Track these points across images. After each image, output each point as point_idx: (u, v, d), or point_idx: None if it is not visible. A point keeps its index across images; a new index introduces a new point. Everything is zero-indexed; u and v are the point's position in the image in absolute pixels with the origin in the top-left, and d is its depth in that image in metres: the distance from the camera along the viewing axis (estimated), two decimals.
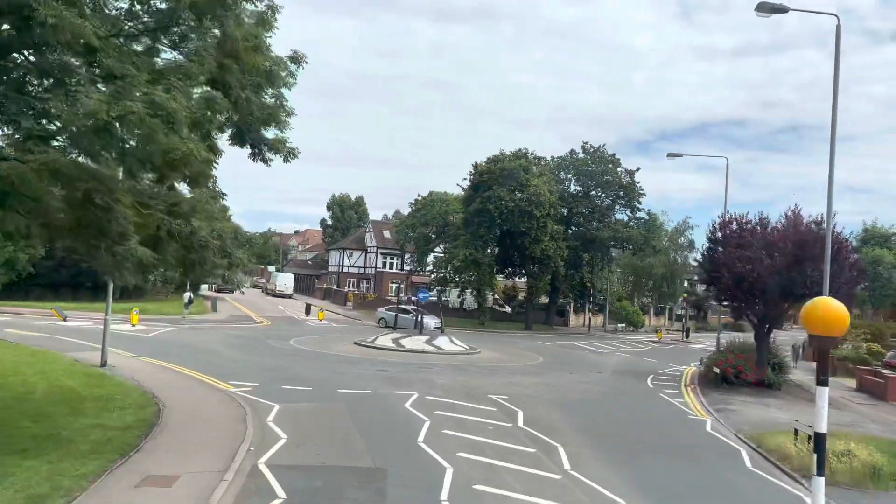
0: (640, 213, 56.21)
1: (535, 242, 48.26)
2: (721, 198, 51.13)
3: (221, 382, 19.58)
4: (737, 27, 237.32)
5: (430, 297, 48.71)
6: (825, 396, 5.86)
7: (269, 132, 13.96)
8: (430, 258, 60.72)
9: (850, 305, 32.27)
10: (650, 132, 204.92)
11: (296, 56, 13.44)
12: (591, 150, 55.99)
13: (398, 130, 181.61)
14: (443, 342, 33.39)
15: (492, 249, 51.68)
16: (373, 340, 33.22)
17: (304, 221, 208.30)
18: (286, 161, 14.06)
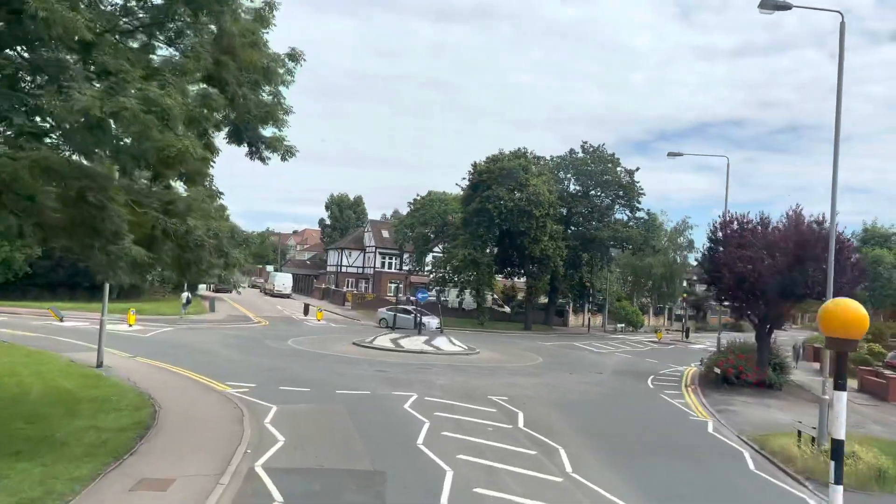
0: (640, 213, 56.16)
1: (535, 242, 48.07)
2: (719, 197, 51.16)
3: (218, 383, 19.39)
4: (736, 27, 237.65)
5: (429, 297, 48.52)
6: (843, 401, 5.67)
7: (267, 130, 13.78)
8: (429, 258, 60.53)
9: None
10: (649, 132, 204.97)
11: (294, 53, 13.27)
12: (591, 150, 55.80)
13: (397, 130, 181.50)
14: (442, 342, 33.22)
15: (491, 249, 51.49)
16: (371, 341, 33.05)
17: (303, 221, 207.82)
18: (284, 159, 13.88)
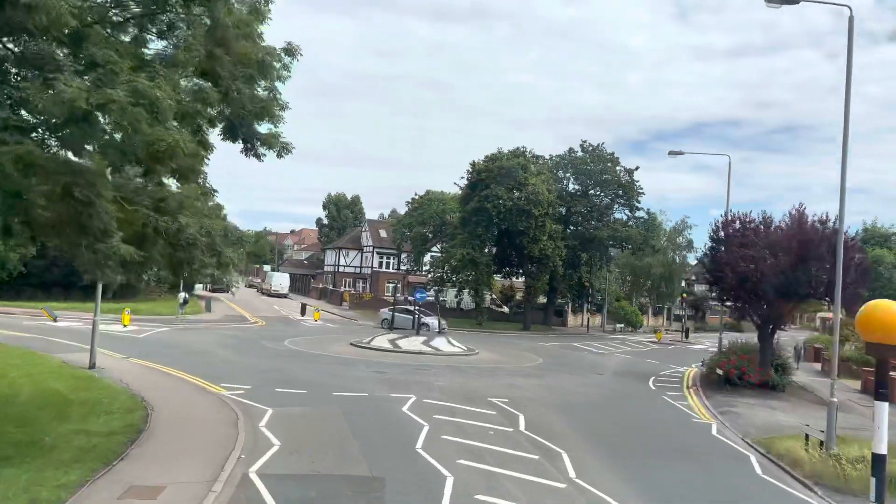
0: (640, 213, 55.84)
1: (534, 242, 47.72)
2: (716, 197, 51.04)
3: (213, 385, 19.02)
4: (733, 27, 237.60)
5: (428, 297, 48.11)
6: (885, 413, 5.30)
7: (263, 127, 13.43)
8: (427, 258, 60.13)
9: (856, 306, 31.85)
10: (646, 132, 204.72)
11: (290, 48, 12.93)
12: (590, 149, 55.45)
13: (395, 130, 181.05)
14: (440, 343, 32.86)
15: (489, 249, 51.15)
16: (369, 341, 32.68)
17: (301, 221, 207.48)
18: (279, 156, 13.54)
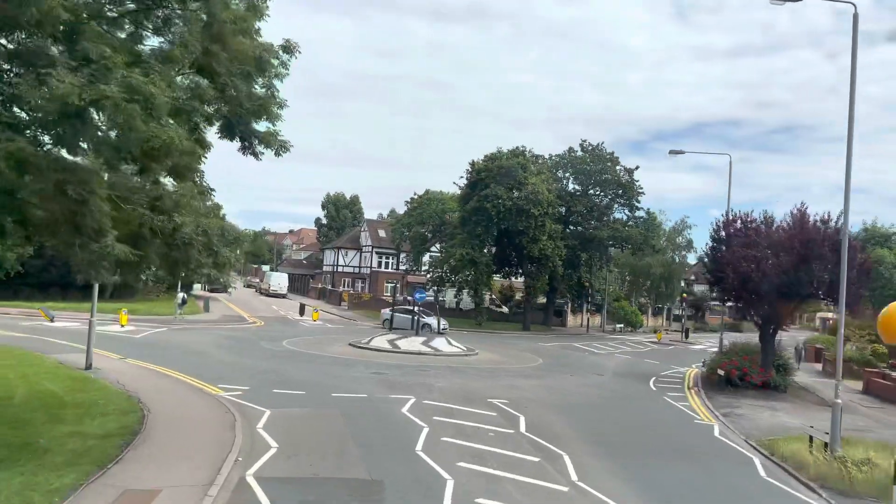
0: (639, 212, 55.62)
1: (533, 241, 47.52)
2: (715, 197, 50.86)
3: (211, 386, 18.81)
4: (732, 27, 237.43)
5: (427, 297, 47.86)
6: None
7: (260, 125, 13.24)
8: (426, 257, 59.92)
9: (858, 306, 31.70)
10: (646, 132, 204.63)
11: (288, 45, 12.71)
12: (590, 149, 55.24)
13: (395, 130, 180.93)
14: (440, 343, 32.65)
15: (489, 249, 50.93)
16: (368, 342, 32.48)
17: (300, 221, 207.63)
18: (278, 155, 13.32)
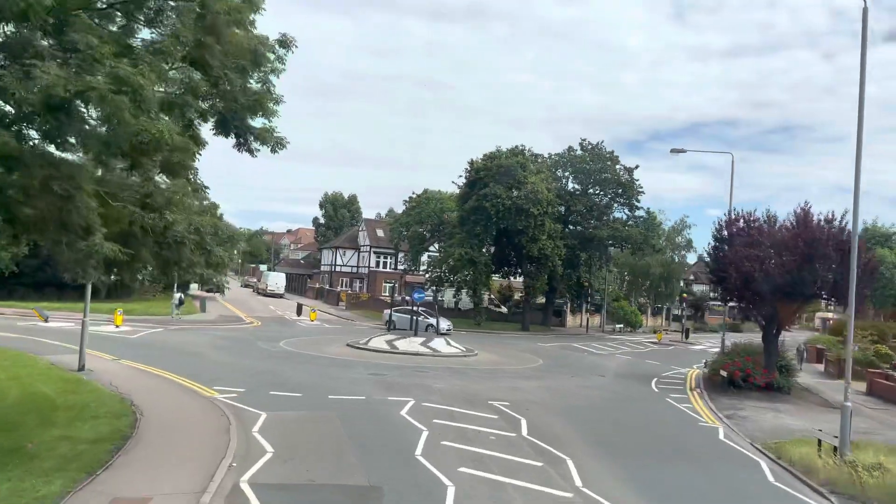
0: (639, 212, 55.31)
1: (533, 241, 47.20)
2: (713, 197, 50.45)
3: (206, 388, 18.45)
4: (729, 27, 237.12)
5: (426, 297, 47.47)
6: None
7: (256, 121, 12.91)
8: (425, 257, 59.58)
9: (861, 306, 31.45)
10: (643, 132, 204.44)
11: (284, 39, 12.35)
12: (589, 148, 54.92)
13: (393, 130, 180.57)
14: (439, 344, 32.31)
15: (488, 248, 50.62)
16: (366, 342, 32.13)
17: (298, 220, 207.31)
18: (274, 151, 12.97)
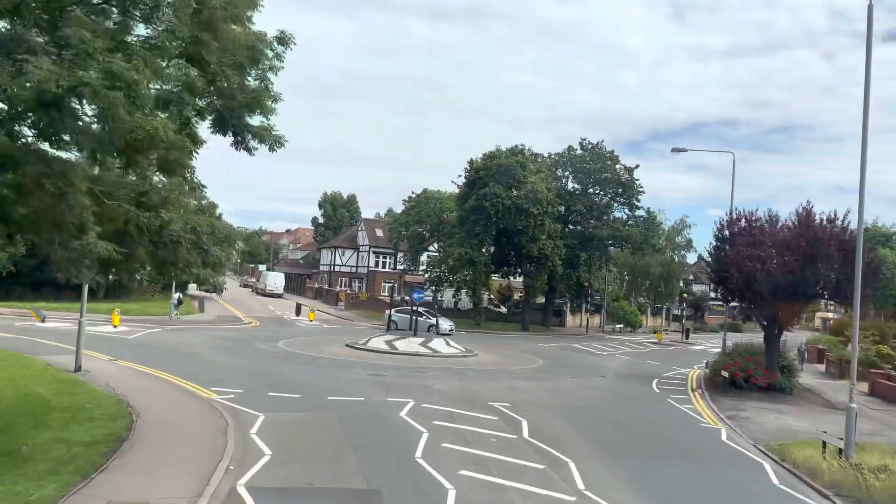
0: (639, 211, 55.11)
1: (533, 241, 47.00)
2: (711, 197, 50.31)
3: (203, 389, 18.26)
4: (729, 27, 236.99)
5: (426, 297, 47.28)
6: None
7: (254, 119, 12.73)
8: (424, 257, 59.40)
9: (864, 307, 31.28)
10: (642, 132, 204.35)
11: (283, 36, 12.18)
12: (589, 147, 54.72)
13: (393, 130, 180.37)
14: (438, 344, 32.12)
15: (487, 248, 50.42)
16: (365, 342, 31.94)
17: (298, 220, 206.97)
18: (272, 150, 12.80)
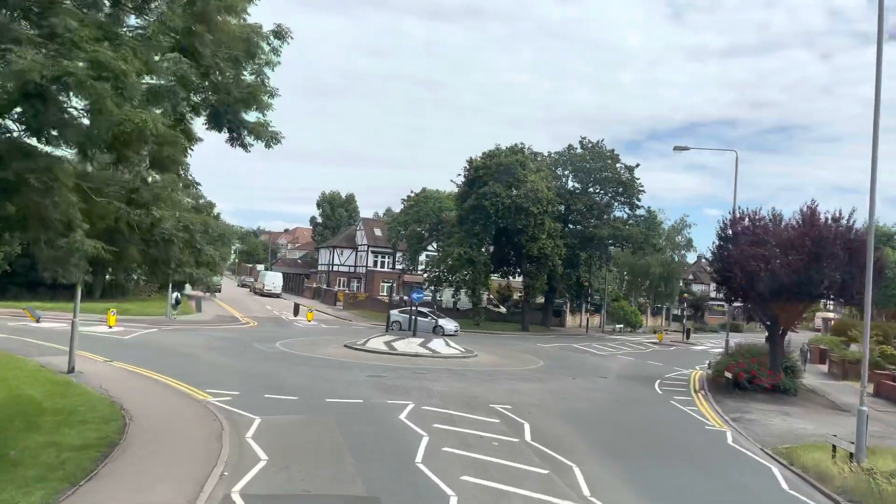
0: (640, 211, 54.82)
1: (532, 240, 46.69)
2: (710, 197, 50.10)
3: (199, 391, 17.91)
4: (727, 27, 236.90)
5: (425, 297, 46.97)
6: None
7: (250, 115, 12.39)
8: (423, 257, 59.06)
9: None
10: (640, 132, 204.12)
11: (279, 31, 11.85)
12: (589, 146, 54.43)
13: (391, 129, 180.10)
14: (437, 345, 31.75)
15: (487, 248, 50.10)
16: (364, 343, 31.59)
17: (296, 220, 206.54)
18: (268, 146, 12.47)
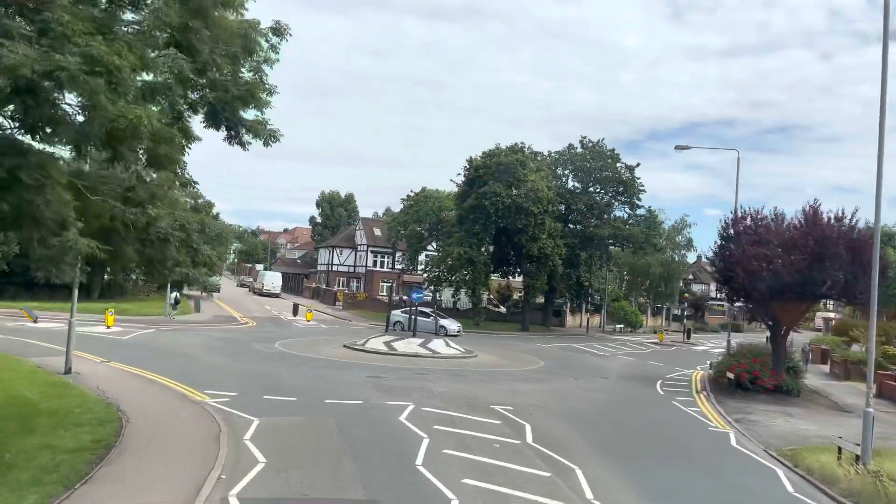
0: (640, 210, 54.61)
1: (533, 240, 46.51)
2: (709, 197, 50.05)
3: (197, 392, 17.73)
4: (727, 27, 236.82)
5: (425, 297, 46.80)
6: None
7: (249, 113, 12.23)
8: (423, 256, 58.87)
9: (867, 307, 30.75)
10: (640, 132, 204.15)
11: (278, 27, 11.68)
12: (590, 146, 54.25)
13: (391, 129, 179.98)
14: (437, 345, 31.58)
15: (487, 247, 49.92)
16: (363, 343, 31.42)
17: (296, 220, 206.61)
18: (266, 145, 12.31)
